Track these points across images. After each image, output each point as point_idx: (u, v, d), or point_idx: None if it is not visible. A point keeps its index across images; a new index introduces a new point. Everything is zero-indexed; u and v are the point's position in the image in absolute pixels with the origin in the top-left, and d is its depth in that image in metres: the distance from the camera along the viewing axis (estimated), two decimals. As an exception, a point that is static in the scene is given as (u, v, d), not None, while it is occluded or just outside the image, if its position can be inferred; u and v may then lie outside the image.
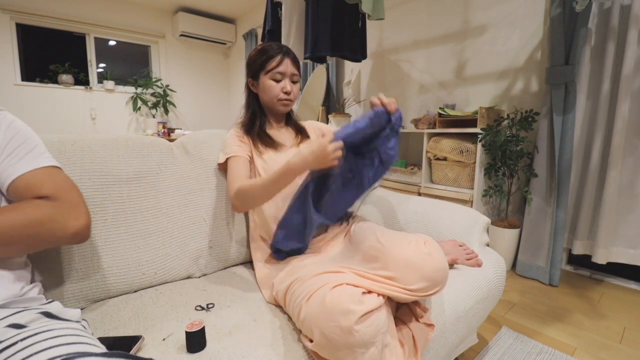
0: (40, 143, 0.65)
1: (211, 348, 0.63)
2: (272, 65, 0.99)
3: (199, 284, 0.92)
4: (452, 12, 2.30)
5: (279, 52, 1.00)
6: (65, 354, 0.40)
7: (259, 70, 1.01)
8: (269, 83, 1.01)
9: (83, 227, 0.61)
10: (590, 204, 1.71)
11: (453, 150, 1.95)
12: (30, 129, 0.66)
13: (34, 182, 0.59)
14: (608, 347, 1.23)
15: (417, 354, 0.69)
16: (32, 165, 0.60)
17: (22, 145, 0.61)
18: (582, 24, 1.58)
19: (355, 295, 0.59)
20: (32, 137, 0.64)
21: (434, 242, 0.72)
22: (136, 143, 0.96)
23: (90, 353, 0.41)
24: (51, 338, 0.45)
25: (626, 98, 1.55)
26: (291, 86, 1.03)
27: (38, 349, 0.42)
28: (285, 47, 1.03)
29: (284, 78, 1.01)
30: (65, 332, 0.48)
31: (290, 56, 1.02)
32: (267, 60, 0.99)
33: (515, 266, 1.88)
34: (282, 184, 0.81)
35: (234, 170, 0.96)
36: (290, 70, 1.01)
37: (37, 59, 3.78)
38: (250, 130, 1.04)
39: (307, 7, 2.16)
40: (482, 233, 1.12)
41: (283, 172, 0.78)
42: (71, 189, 0.63)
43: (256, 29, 4.11)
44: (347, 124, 0.81)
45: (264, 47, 1.02)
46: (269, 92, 1.01)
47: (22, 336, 0.44)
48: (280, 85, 1.01)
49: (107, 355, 0.41)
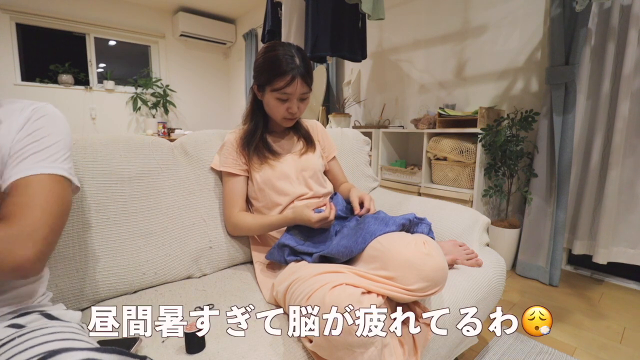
0: (58, 142, 0.59)
1: (211, 349, 0.63)
2: (279, 85, 0.90)
3: (199, 284, 0.92)
4: (452, 12, 2.30)
5: (290, 71, 0.89)
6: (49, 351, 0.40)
7: (266, 84, 0.94)
8: (274, 102, 0.95)
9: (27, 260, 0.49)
10: (590, 204, 1.71)
11: (453, 150, 1.95)
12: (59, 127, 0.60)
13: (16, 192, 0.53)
14: (608, 347, 1.23)
15: (417, 354, 0.69)
16: (25, 171, 0.54)
17: (33, 144, 0.56)
18: (582, 24, 1.57)
19: (354, 295, 0.59)
20: (53, 135, 0.58)
21: (434, 242, 0.72)
22: (137, 143, 0.96)
23: (74, 348, 0.40)
24: (46, 334, 0.45)
25: (626, 98, 1.54)
26: (298, 105, 0.96)
27: (32, 344, 0.42)
28: (298, 59, 0.91)
29: (291, 98, 0.93)
30: (61, 329, 0.48)
31: (302, 72, 0.91)
32: (275, 77, 0.90)
33: (515, 266, 1.88)
34: (274, 228, 0.96)
35: (229, 194, 1.00)
36: (299, 90, 0.92)
37: (37, 59, 3.78)
38: (249, 143, 1.01)
39: (307, 7, 2.16)
40: (482, 233, 1.12)
41: (277, 223, 0.94)
42: (37, 209, 0.52)
43: (256, 29, 4.11)
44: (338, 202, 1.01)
45: (275, 58, 0.91)
46: (274, 110, 0.97)
47: (19, 333, 0.45)
48: (285, 105, 0.94)
49: (97, 350, 0.41)
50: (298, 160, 1.04)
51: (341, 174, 1.19)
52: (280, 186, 0.98)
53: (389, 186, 2.30)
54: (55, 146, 0.58)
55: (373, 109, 2.91)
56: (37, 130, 0.56)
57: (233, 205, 1.00)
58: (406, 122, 2.60)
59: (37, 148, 0.56)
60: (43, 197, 0.54)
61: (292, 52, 0.92)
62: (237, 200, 1.00)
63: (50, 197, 0.54)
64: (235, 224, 0.99)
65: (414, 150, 2.54)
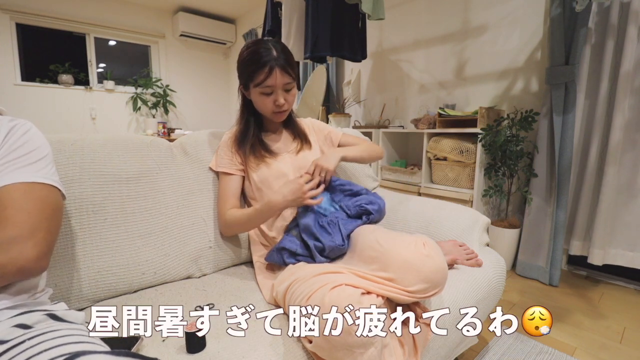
0: (47, 157, 0.62)
1: (211, 348, 0.63)
2: (260, 79, 0.91)
3: (199, 284, 0.92)
4: (452, 12, 2.30)
5: (267, 62, 0.89)
6: (70, 353, 0.40)
7: (248, 81, 0.94)
8: (259, 98, 0.95)
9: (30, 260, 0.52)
10: (587, 204, 1.71)
11: (453, 150, 1.95)
12: (44, 142, 0.63)
13: (4, 199, 0.53)
14: (608, 347, 1.23)
15: (417, 354, 0.69)
16: (21, 178, 0.56)
17: (25, 156, 0.58)
18: (582, 24, 1.57)
19: (354, 296, 0.59)
20: (40, 149, 0.61)
21: (434, 243, 0.72)
22: (136, 143, 0.95)
23: (94, 351, 0.41)
24: (57, 337, 0.45)
25: (625, 96, 1.54)
26: (284, 96, 0.95)
27: (44, 347, 0.42)
28: (275, 52, 0.91)
29: (275, 90, 0.93)
30: (70, 332, 0.48)
31: (280, 64, 0.91)
32: (254, 72, 0.91)
33: (515, 266, 1.88)
34: (265, 218, 0.92)
35: (222, 193, 1.00)
36: (280, 81, 0.92)
37: (37, 59, 3.78)
38: (243, 142, 1.01)
39: (307, 7, 2.16)
40: (482, 233, 1.12)
41: (265, 209, 0.89)
42: (33, 212, 0.54)
43: (256, 29, 4.11)
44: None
45: (252, 53, 0.92)
46: (261, 105, 0.97)
47: (29, 336, 0.45)
48: (271, 98, 0.94)
49: (112, 353, 0.41)
50: (295, 158, 1.04)
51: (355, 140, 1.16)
52: (277, 185, 0.98)
53: (389, 186, 2.30)
54: (44, 160, 0.61)
55: (373, 109, 2.91)
56: (25, 143, 0.59)
57: (224, 202, 0.99)
58: (406, 122, 2.60)
59: (30, 160, 0.58)
60: (38, 202, 0.56)
61: (269, 45, 0.92)
62: (229, 198, 0.99)
63: (44, 202, 0.57)
64: (225, 221, 0.97)
65: (414, 150, 2.54)
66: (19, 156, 0.58)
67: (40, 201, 0.57)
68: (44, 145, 0.63)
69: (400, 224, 1.21)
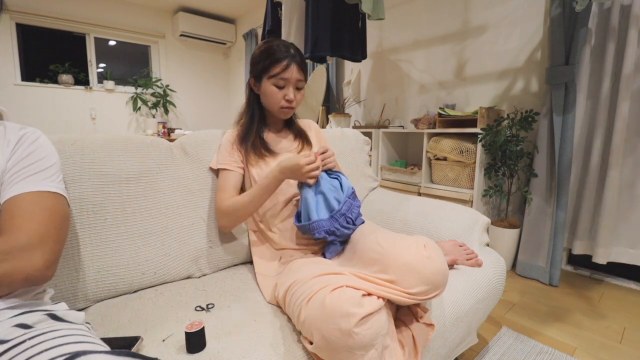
0: (54, 165, 0.63)
1: (211, 348, 0.63)
2: (276, 71, 0.93)
3: (199, 284, 0.92)
4: (452, 12, 2.30)
5: (285, 57, 0.93)
6: (70, 352, 0.40)
7: (262, 73, 0.96)
8: (271, 89, 0.96)
9: (37, 269, 0.52)
10: (590, 204, 1.71)
11: (453, 150, 1.95)
12: (52, 150, 0.64)
13: (13, 208, 0.55)
14: (608, 347, 1.23)
15: (418, 355, 0.69)
16: (30, 186, 0.57)
17: (34, 164, 0.59)
18: (582, 24, 1.57)
19: (355, 297, 0.59)
20: (48, 157, 0.62)
21: (434, 245, 0.71)
22: (136, 143, 0.95)
23: (94, 351, 0.41)
24: (57, 337, 0.45)
25: (626, 97, 1.54)
26: (295, 93, 0.97)
27: (44, 347, 0.42)
28: (292, 50, 0.96)
29: (287, 85, 0.96)
30: (71, 332, 0.48)
31: (297, 61, 0.95)
32: (272, 64, 0.94)
33: (515, 266, 1.88)
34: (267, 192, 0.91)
35: (223, 184, 0.99)
36: (295, 77, 0.95)
37: (37, 59, 3.78)
38: (246, 139, 1.01)
39: (307, 7, 2.16)
40: (482, 233, 1.12)
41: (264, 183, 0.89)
42: (41, 221, 0.55)
43: (256, 29, 4.11)
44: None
45: (270, 48, 0.96)
46: (271, 98, 0.97)
47: (29, 336, 0.45)
48: (282, 92, 0.96)
49: (112, 353, 0.41)
50: None
51: None
52: None
53: (389, 186, 2.30)
54: (52, 168, 0.62)
55: (373, 109, 2.91)
56: (34, 151, 0.60)
57: (224, 192, 0.96)
58: (406, 122, 2.60)
59: (38, 169, 0.60)
60: (47, 211, 0.57)
61: (287, 44, 0.98)
62: (229, 189, 0.97)
63: (53, 211, 0.58)
64: (225, 209, 0.94)
65: (414, 150, 2.54)
66: (29, 164, 0.59)
67: (49, 210, 0.58)
68: (52, 153, 0.64)
69: (400, 224, 1.21)
